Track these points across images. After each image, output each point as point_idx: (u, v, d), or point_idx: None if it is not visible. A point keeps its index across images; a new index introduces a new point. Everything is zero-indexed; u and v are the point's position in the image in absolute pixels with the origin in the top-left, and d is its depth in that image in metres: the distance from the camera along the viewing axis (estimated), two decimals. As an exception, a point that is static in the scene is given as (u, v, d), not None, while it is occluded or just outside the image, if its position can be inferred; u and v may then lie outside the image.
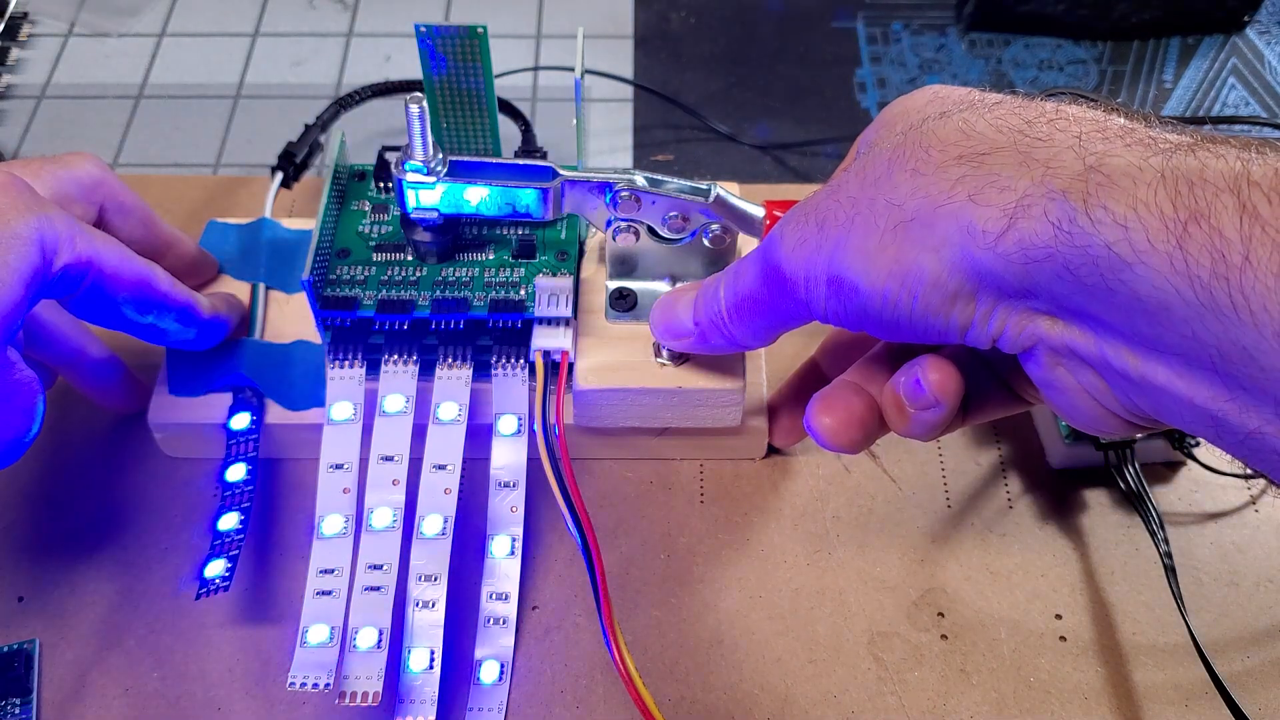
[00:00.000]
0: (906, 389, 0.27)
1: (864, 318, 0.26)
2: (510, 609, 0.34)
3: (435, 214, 0.34)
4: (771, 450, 0.39)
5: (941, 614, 0.35)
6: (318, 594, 0.32)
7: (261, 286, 0.39)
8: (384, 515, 0.33)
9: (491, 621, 0.34)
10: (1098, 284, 0.21)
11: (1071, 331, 0.23)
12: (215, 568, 0.32)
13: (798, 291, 0.27)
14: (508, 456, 0.35)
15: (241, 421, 0.36)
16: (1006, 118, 0.24)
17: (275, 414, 0.36)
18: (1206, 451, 0.38)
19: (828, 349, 0.36)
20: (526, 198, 0.34)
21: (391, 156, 0.34)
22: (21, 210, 0.28)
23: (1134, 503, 0.36)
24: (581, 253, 0.38)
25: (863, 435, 0.29)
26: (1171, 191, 0.20)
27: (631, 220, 0.34)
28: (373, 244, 0.36)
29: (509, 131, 0.44)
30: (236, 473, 0.35)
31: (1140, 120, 0.23)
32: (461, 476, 0.34)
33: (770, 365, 0.38)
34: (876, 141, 0.27)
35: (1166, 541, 0.35)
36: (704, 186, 0.34)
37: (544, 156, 0.42)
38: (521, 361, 0.35)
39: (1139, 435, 0.25)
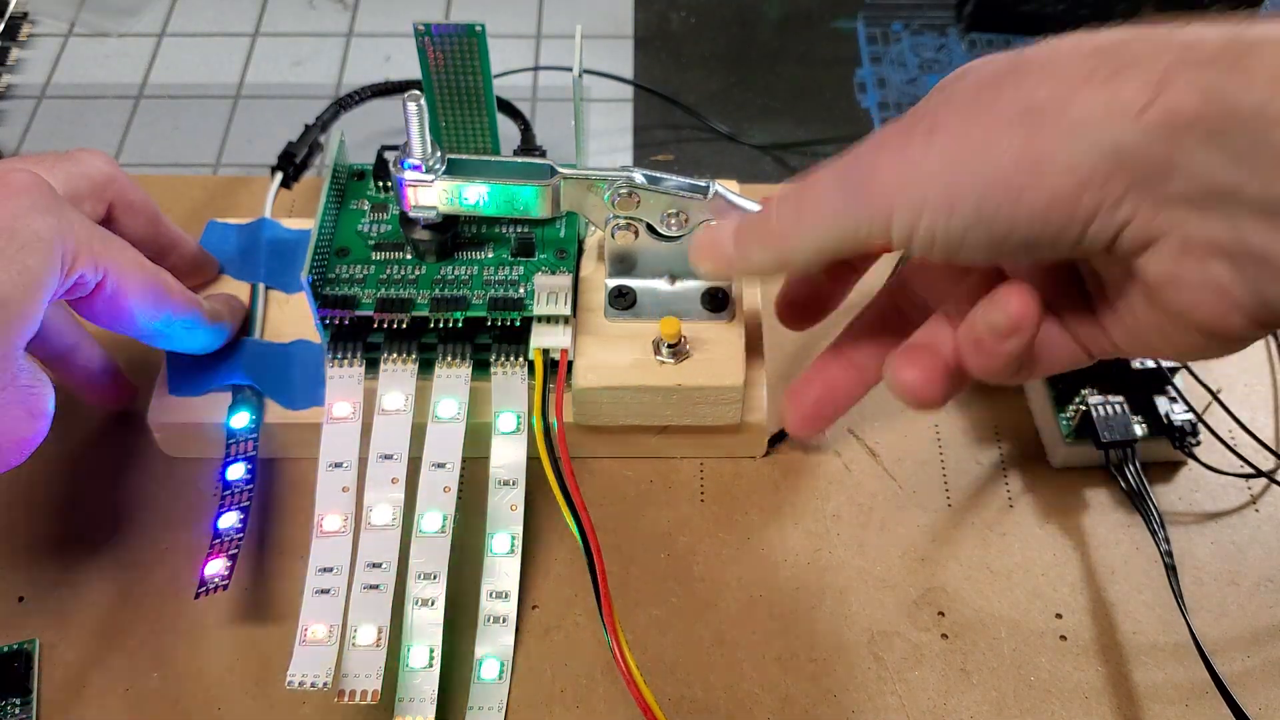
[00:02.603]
0: (987, 319, 0.26)
1: (971, 226, 0.24)
2: (510, 607, 0.34)
3: (434, 212, 0.34)
4: (771, 448, 0.38)
5: (942, 613, 0.35)
6: (317, 592, 0.32)
7: (261, 286, 0.39)
8: (383, 513, 0.33)
9: (491, 620, 0.34)
10: (1248, 148, 0.21)
11: (1207, 216, 0.23)
12: (215, 567, 0.32)
13: (885, 203, 0.25)
14: (507, 455, 0.35)
15: (241, 421, 0.36)
16: (1134, 24, 0.24)
17: (275, 413, 0.36)
18: (1207, 451, 0.38)
19: (852, 338, 0.33)
20: (525, 195, 0.34)
21: (391, 155, 0.34)
22: (43, 212, 0.28)
23: (1134, 502, 0.36)
24: (580, 251, 0.38)
25: (946, 386, 0.28)
26: None
27: (630, 218, 0.34)
28: (372, 243, 0.36)
29: (508, 131, 0.44)
30: (236, 472, 0.35)
31: None
32: (461, 475, 0.34)
33: (771, 364, 0.38)
34: (980, 66, 0.26)
35: (1167, 541, 0.35)
36: (702, 184, 0.33)
37: (543, 155, 0.42)
38: (521, 359, 0.35)
39: (1249, 342, 0.25)
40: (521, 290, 0.35)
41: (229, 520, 0.34)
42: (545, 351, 0.35)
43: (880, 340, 0.31)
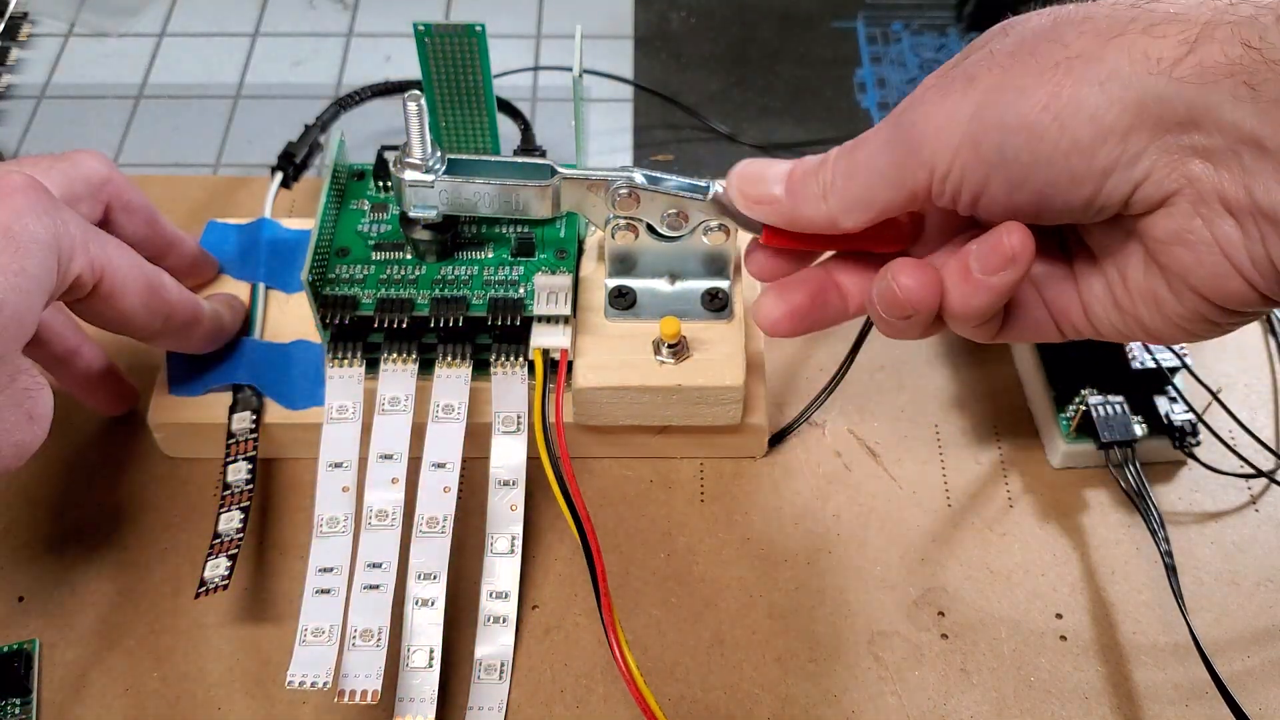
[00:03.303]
0: (983, 249, 0.26)
1: (993, 168, 0.25)
2: (510, 608, 0.34)
3: (434, 212, 0.34)
4: (771, 448, 0.38)
5: (942, 613, 0.35)
6: (317, 592, 0.32)
7: (261, 286, 0.39)
8: (383, 513, 0.33)
9: (491, 620, 0.34)
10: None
11: (1224, 175, 0.23)
12: (215, 567, 0.32)
13: (926, 150, 0.26)
14: (507, 455, 0.35)
15: (241, 421, 0.36)
16: None
17: (275, 413, 0.36)
18: (1207, 451, 0.38)
19: (846, 261, 0.32)
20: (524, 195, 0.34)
21: (391, 155, 0.34)
22: (40, 214, 0.28)
23: (1134, 502, 0.36)
24: (580, 250, 0.38)
25: (935, 305, 0.28)
26: None
27: (630, 218, 0.34)
28: (372, 243, 0.36)
29: (508, 131, 0.44)
30: (236, 473, 0.35)
31: None
32: (461, 475, 0.34)
33: (771, 365, 0.38)
34: (1023, 20, 0.26)
35: (1167, 541, 0.35)
36: (703, 184, 0.33)
37: (543, 155, 0.42)
38: (521, 359, 0.35)
39: (1246, 319, 0.25)
40: (521, 290, 0.35)
41: (229, 521, 0.34)
42: (545, 351, 0.35)
43: (874, 270, 0.30)
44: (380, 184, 0.38)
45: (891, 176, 0.27)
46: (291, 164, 0.44)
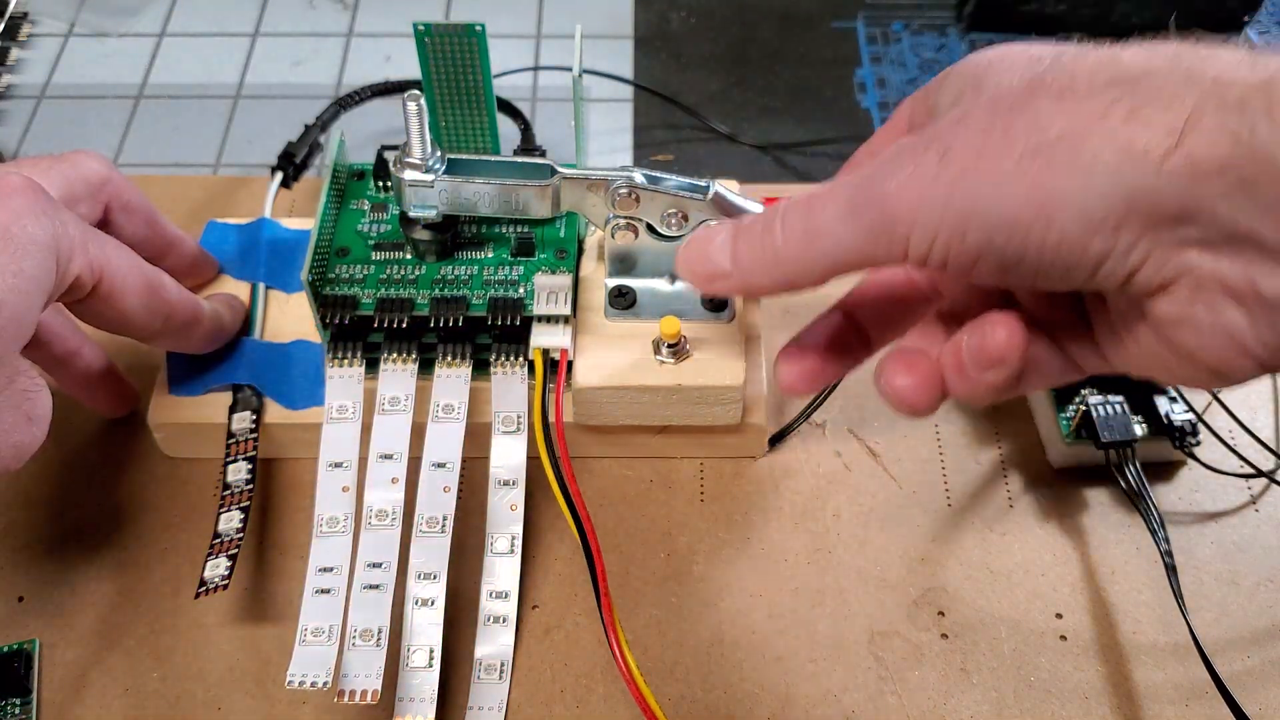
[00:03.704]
0: (972, 350, 0.26)
1: (981, 257, 0.24)
2: (510, 608, 0.34)
3: (434, 212, 0.34)
4: (771, 448, 0.38)
5: (942, 613, 0.35)
6: (317, 592, 0.32)
7: (261, 286, 0.39)
8: (383, 513, 0.33)
9: (491, 620, 0.34)
10: (1275, 195, 0.21)
11: (1223, 262, 0.22)
12: (215, 567, 0.32)
13: (900, 229, 0.25)
14: (507, 454, 0.35)
15: (241, 421, 0.36)
16: (1154, 47, 0.23)
17: (275, 413, 0.36)
18: (1207, 451, 0.38)
19: (865, 301, 0.31)
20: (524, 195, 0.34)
21: (391, 155, 0.34)
22: (38, 215, 0.28)
23: (1134, 502, 0.36)
24: (580, 250, 0.38)
25: (936, 396, 0.27)
26: None
27: (630, 218, 0.34)
28: (372, 242, 0.36)
29: (508, 131, 0.44)
30: (236, 473, 0.35)
31: None
32: (461, 475, 0.34)
33: (771, 365, 0.38)
34: (997, 79, 0.25)
35: (1167, 540, 0.35)
36: (702, 184, 0.34)
37: (543, 155, 0.42)
38: (521, 359, 0.35)
39: (1251, 379, 0.25)
40: (521, 290, 0.35)
41: (229, 521, 0.34)
42: (545, 351, 0.35)
43: (881, 314, 0.30)
44: (380, 184, 0.38)
45: (859, 244, 0.26)
46: (291, 164, 0.44)
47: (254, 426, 0.36)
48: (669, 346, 0.35)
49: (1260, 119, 0.21)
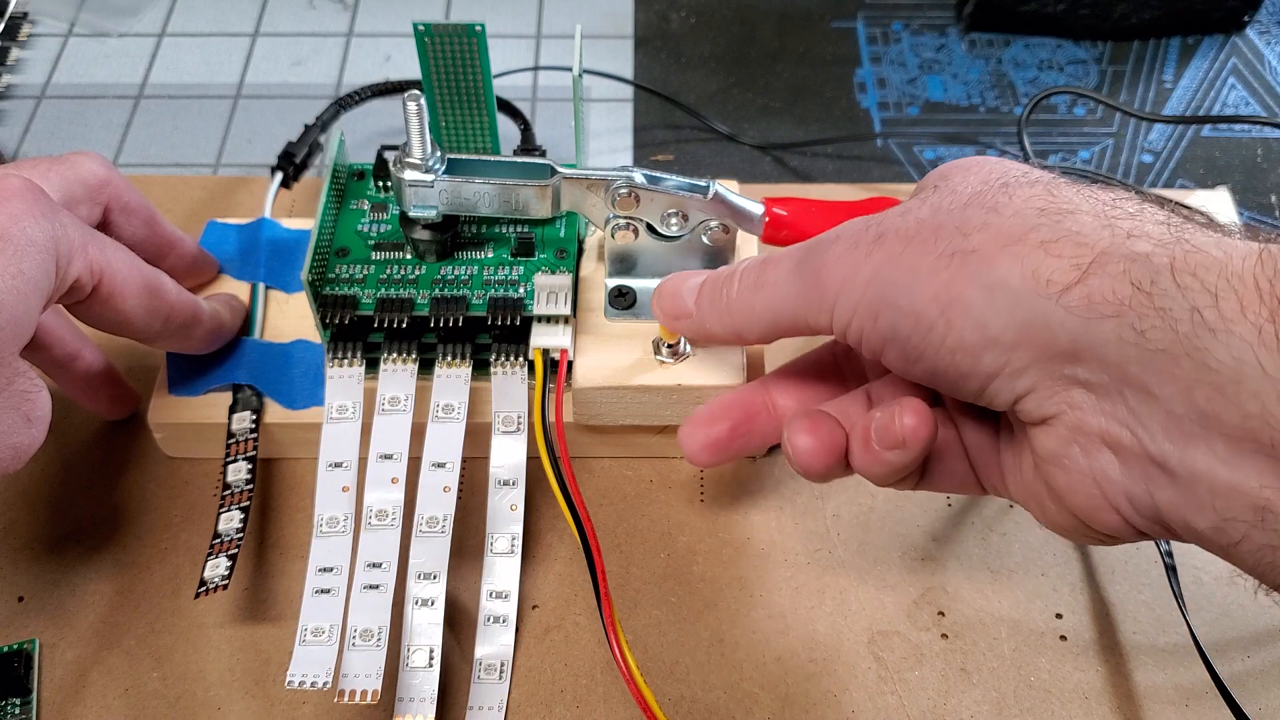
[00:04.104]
0: (880, 426, 0.26)
1: (888, 341, 0.25)
2: (510, 608, 0.34)
3: (434, 212, 0.34)
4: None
5: (942, 613, 0.35)
6: (317, 592, 0.32)
7: (261, 286, 0.39)
8: (383, 513, 0.33)
9: (491, 620, 0.34)
10: (1166, 349, 0.21)
11: (1106, 408, 0.23)
12: (215, 567, 0.32)
13: (829, 296, 0.26)
14: (507, 454, 0.35)
15: (241, 421, 0.36)
16: (1095, 193, 0.24)
17: (275, 413, 0.36)
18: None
19: (783, 378, 0.33)
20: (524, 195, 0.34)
21: (391, 155, 0.34)
22: (37, 217, 0.28)
23: (1134, 501, 0.36)
24: (580, 250, 0.38)
25: (835, 464, 0.28)
26: (1270, 269, 0.20)
27: (630, 218, 0.34)
28: (372, 242, 0.36)
29: (509, 131, 0.44)
30: (236, 472, 0.35)
31: (1227, 221, 0.24)
32: (461, 475, 0.34)
33: (770, 365, 0.38)
34: (955, 181, 0.26)
35: (1167, 540, 0.35)
36: (702, 184, 0.34)
37: (543, 155, 0.42)
38: (521, 359, 0.35)
39: (1119, 541, 0.25)
40: (521, 290, 0.35)
41: (229, 521, 0.34)
42: (545, 351, 0.35)
43: (809, 389, 0.31)
44: (380, 184, 0.38)
45: (794, 307, 0.27)
46: (291, 164, 0.44)
47: (254, 426, 0.36)
48: (669, 347, 0.35)
49: (1162, 274, 0.21)
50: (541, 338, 0.35)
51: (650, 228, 0.35)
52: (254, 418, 0.36)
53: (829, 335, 0.28)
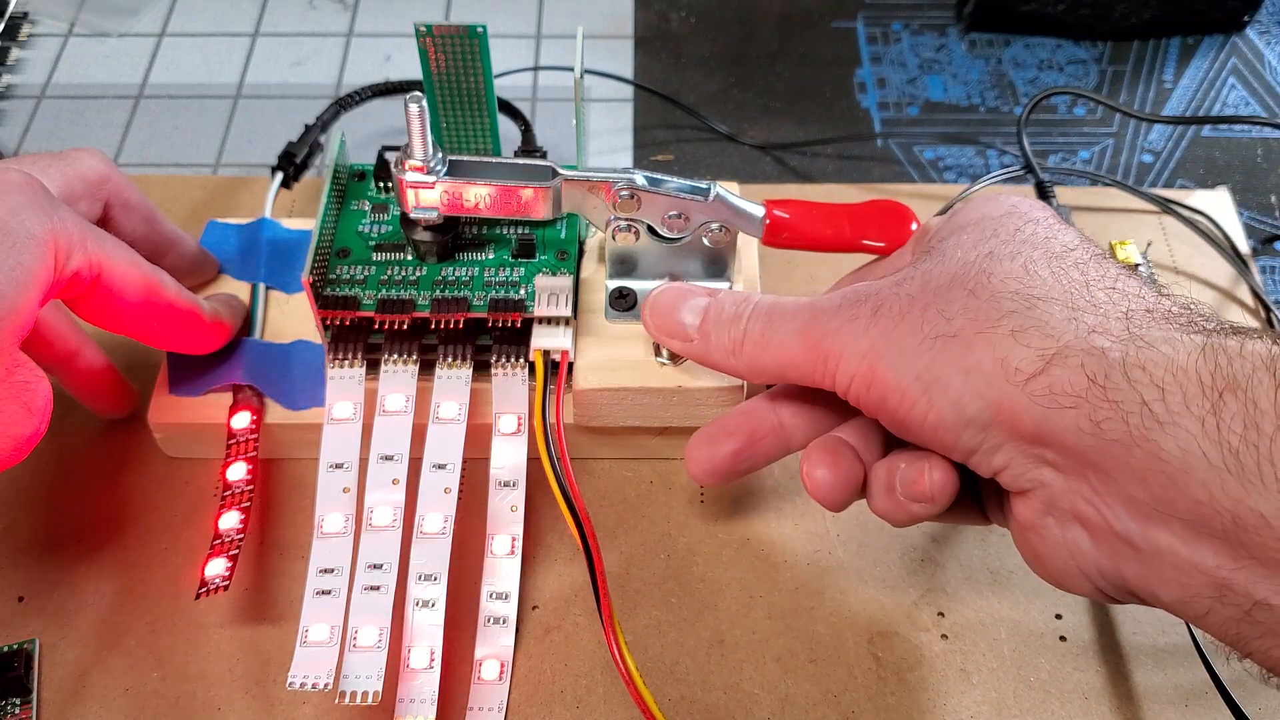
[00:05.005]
0: (906, 478, 0.28)
1: (880, 407, 0.27)
2: (510, 608, 0.34)
3: (435, 213, 0.34)
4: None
5: (941, 614, 0.35)
6: (318, 593, 0.32)
7: (261, 286, 0.39)
8: (384, 514, 0.33)
9: (491, 621, 0.34)
10: (1120, 440, 0.22)
11: (1075, 487, 0.24)
12: (215, 567, 0.32)
13: (830, 363, 0.28)
14: (507, 456, 0.35)
15: (241, 421, 0.36)
16: (1070, 271, 0.25)
17: (275, 414, 0.36)
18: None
19: (793, 396, 0.32)
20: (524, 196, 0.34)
21: (391, 156, 0.34)
22: (36, 211, 0.28)
23: (1134, 502, 0.36)
24: (581, 252, 0.38)
25: (851, 497, 0.29)
26: (1211, 364, 0.22)
27: (631, 219, 0.34)
28: (372, 243, 0.36)
29: (509, 131, 0.44)
30: (236, 473, 0.35)
31: (1189, 305, 0.25)
32: (461, 476, 0.34)
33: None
34: (949, 246, 0.28)
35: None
36: (703, 186, 0.34)
37: (544, 156, 0.42)
38: (521, 361, 0.35)
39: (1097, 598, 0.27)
40: (522, 291, 0.35)
41: (229, 521, 0.34)
42: (546, 353, 0.35)
43: (819, 409, 0.31)
44: (381, 184, 0.38)
45: (800, 368, 0.29)
46: (292, 164, 0.44)
47: (254, 426, 0.36)
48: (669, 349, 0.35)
49: (1115, 369, 0.23)
50: (542, 339, 0.35)
51: (651, 230, 0.35)
52: (254, 418, 0.36)
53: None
